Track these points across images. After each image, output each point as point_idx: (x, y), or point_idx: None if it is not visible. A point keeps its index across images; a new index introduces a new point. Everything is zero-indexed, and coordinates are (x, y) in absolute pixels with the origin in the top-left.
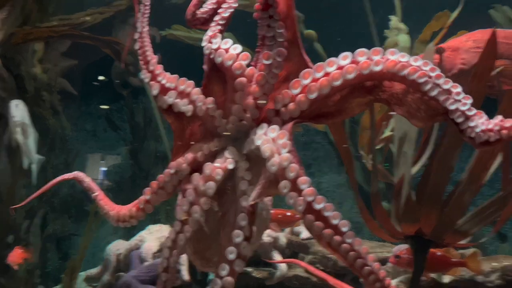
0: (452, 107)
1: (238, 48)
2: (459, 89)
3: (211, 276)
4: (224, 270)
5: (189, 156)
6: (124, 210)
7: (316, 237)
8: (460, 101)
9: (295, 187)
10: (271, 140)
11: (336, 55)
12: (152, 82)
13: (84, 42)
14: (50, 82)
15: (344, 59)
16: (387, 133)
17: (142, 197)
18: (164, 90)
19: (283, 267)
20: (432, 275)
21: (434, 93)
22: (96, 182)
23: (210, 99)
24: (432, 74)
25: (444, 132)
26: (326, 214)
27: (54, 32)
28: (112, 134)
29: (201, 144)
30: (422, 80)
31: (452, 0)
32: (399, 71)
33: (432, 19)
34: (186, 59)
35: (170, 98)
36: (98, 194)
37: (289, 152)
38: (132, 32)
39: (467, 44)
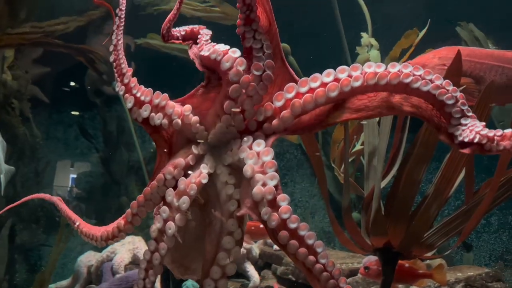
0: (450, 102)
1: (237, 52)
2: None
3: (188, 282)
4: (217, 273)
5: (170, 166)
6: (112, 227)
7: (291, 256)
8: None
9: (273, 204)
10: (256, 155)
11: (309, 73)
12: (126, 95)
13: (57, 50)
14: (20, 89)
15: (328, 76)
16: (358, 146)
17: (129, 211)
18: (139, 103)
19: (255, 278)
20: (400, 286)
21: (427, 87)
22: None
23: (188, 107)
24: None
25: (413, 145)
26: (301, 233)
27: (25, 40)
28: (83, 142)
29: (181, 153)
30: (408, 80)
31: (422, 18)
32: (380, 81)
33: (402, 37)
34: (161, 67)
35: (145, 111)
36: (79, 223)
37: (275, 171)
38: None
39: (433, 61)
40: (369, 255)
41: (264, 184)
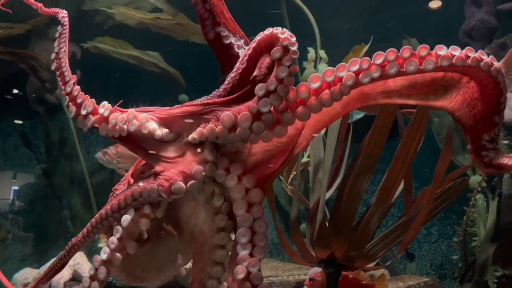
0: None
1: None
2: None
3: None
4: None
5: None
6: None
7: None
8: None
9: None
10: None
11: None
12: (70, 104)
13: None
14: None
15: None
16: (305, 158)
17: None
18: (80, 112)
19: None
20: None
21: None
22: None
23: (144, 115)
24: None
25: (356, 157)
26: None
27: None
28: (24, 152)
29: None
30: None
31: (361, 37)
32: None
33: (350, 51)
34: (111, 73)
35: (88, 121)
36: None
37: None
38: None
39: None
40: (315, 266)
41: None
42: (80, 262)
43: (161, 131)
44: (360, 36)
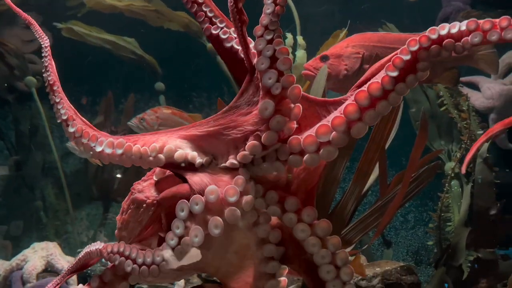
0: None
1: None
2: None
3: None
4: None
5: None
6: None
7: None
8: None
9: None
10: None
11: None
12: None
13: None
14: None
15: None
16: None
17: None
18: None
19: (180, 281)
20: None
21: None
22: None
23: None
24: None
25: None
26: None
27: None
28: None
29: None
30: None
31: (336, 19)
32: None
33: (331, 37)
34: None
35: (72, 128)
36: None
37: None
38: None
39: (348, 51)
40: None
41: None
42: (53, 253)
43: (201, 158)
44: (336, 19)
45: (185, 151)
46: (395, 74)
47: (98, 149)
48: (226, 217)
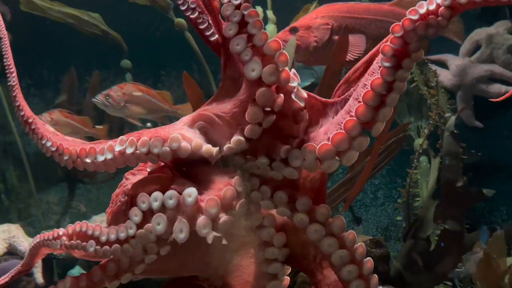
0: None
1: None
2: None
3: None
4: None
5: None
6: None
7: None
8: None
9: None
10: None
11: (207, 50)
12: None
13: None
14: None
15: None
16: None
17: None
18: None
19: None
20: None
21: None
22: None
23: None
24: None
25: None
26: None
27: None
28: None
29: None
30: None
31: None
32: None
33: (301, 10)
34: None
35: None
36: None
37: None
38: None
39: (317, 22)
40: None
41: None
42: (16, 235)
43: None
44: None
45: (207, 145)
46: (391, 64)
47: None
48: (197, 226)
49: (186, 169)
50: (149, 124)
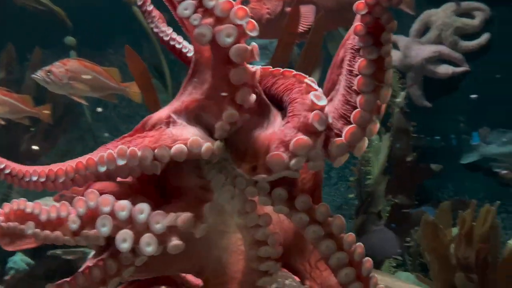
0: None
1: None
2: None
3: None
4: None
5: None
6: None
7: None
8: None
9: None
10: None
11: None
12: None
13: None
14: None
15: None
16: None
17: None
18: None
19: None
20: None
21: None
22: None
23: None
24: None
25: None
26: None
27: None
28: None
29: None
30: None
31: None
32: None
33: None
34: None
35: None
36: None
37: None
38: None
39: None
40: None
41: None
42: None
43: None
44: None
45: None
46: (369, 42)
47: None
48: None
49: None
50: (99, 109)
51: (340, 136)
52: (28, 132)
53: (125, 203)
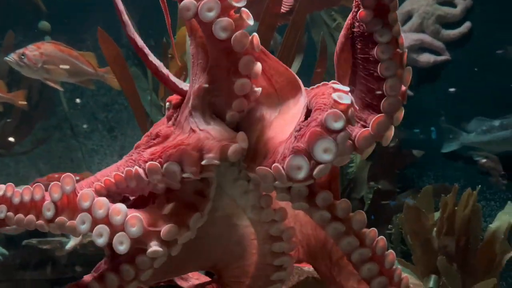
0: None
1: None
2: None
3: None
4: None
5: None
6: None
7: None
8: None
9: None
10: None
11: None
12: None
13: None
14: None
15: None
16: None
17: None
18: None
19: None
20: None
21: None
22: None
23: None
24: None
25: None
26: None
27: None
28: None
29: None
30: None
31: None
32: None
33: None
34: None
35: None
36: None
37: None
38: None
39: None
40: None
41: None
42: None
43: None
44: None
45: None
46: (379, 25)
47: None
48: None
49: None
50: (78, 100)
51: (366, 127)
52: (1, 119)
53: (104, 201)
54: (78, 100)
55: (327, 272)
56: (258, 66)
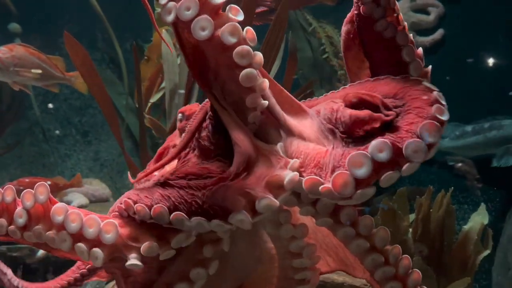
0: None
1: None
2: None
3: None
4: None
5: None
6: None
7: None
8: None
9: None
10: None
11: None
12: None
13: None
14: None
15: None
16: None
17: None
18: None
19: None
20: None
21: None
22: None
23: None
24: None
25: None
26: None
27: None
28: None
29: None
30: None
31: None
32: None
33: None
34: None
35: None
36: None
37: None
38: None
39: None
40: None
41: None
42: None
43: None
44: None
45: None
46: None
47: None
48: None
49: None
50: (50, 105)
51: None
52: None
53: (78, 214)
54: (50, 105)
55: (366, 276)
56: (260, 56)
